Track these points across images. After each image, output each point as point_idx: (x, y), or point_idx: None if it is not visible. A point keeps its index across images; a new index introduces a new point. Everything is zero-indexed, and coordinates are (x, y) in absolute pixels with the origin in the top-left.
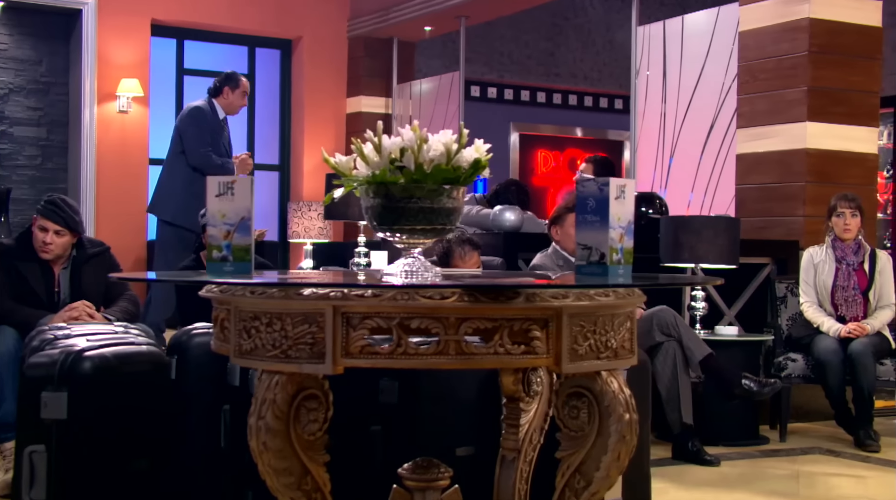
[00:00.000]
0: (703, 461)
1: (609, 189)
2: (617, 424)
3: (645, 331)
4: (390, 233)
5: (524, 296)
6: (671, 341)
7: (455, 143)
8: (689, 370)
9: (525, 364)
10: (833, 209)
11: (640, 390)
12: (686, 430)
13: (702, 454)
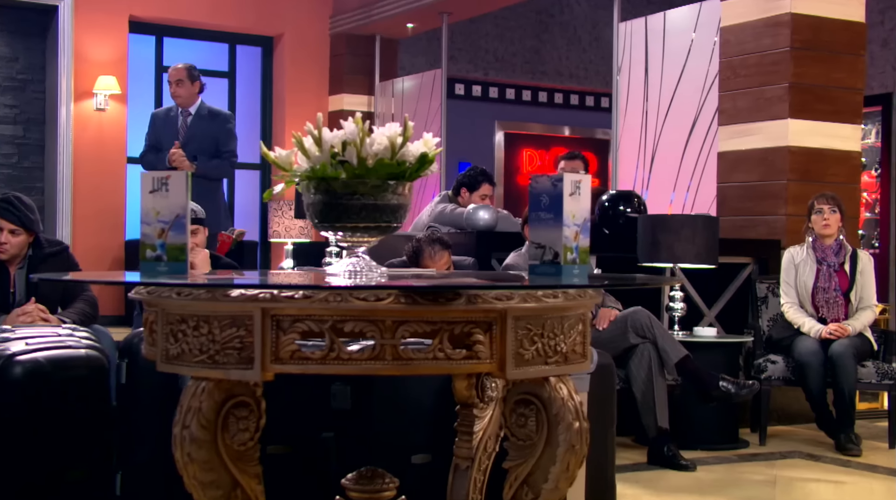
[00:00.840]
0: (678, 466)
1: (563, 185)
2: (566, 433)
3: (619, 333)
4: (332, 231)
5: (465, 298)
6: (646, 344)
7: (400, 136)
8: (665, 373)
9: (467, 370)
10: (812, 208)
11: (604, 395)
12: (662, 434)
13: (677, 458)
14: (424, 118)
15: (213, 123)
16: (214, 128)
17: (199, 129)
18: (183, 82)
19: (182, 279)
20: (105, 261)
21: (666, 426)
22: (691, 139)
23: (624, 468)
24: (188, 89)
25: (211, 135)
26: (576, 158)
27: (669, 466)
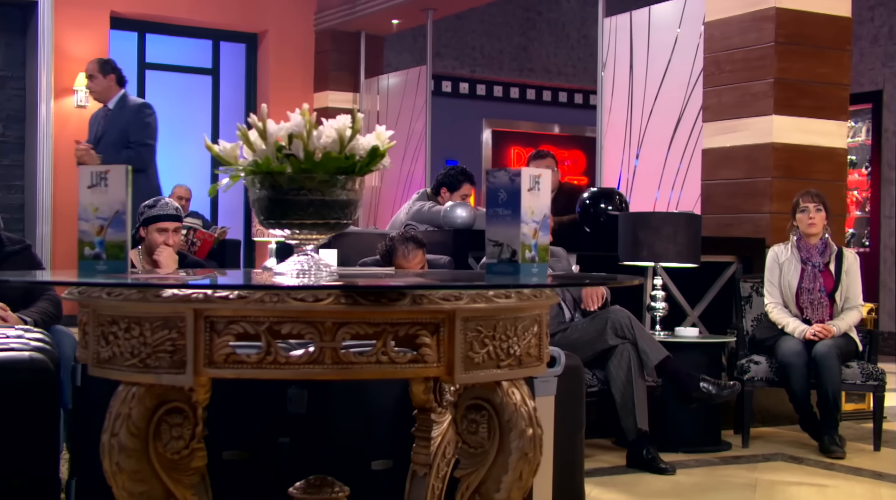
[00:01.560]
0: (657, 469)
1: (521, 180)
2: (518, 440)
3: (598, 334)
4: (279, 228)
5: (410, 298)
6: (626, 344)
7: (349, 129)
8: (645, 374)
9: (412, 375)
10: (796, 206)
11: (573, 398)
12: (641, 437)
13: (657, 461)
14: (409, 115)
15: (127, 114)
16: (127, 119)
17: (114, 122)
18: (95, 77)
19: (122, 279)
20: None
21: (645, 428)
22: (676, 136)
23: (602, 471)
24: (101, 83)
25: (123, 127)
26: (546, 157)
27: (648, 469)
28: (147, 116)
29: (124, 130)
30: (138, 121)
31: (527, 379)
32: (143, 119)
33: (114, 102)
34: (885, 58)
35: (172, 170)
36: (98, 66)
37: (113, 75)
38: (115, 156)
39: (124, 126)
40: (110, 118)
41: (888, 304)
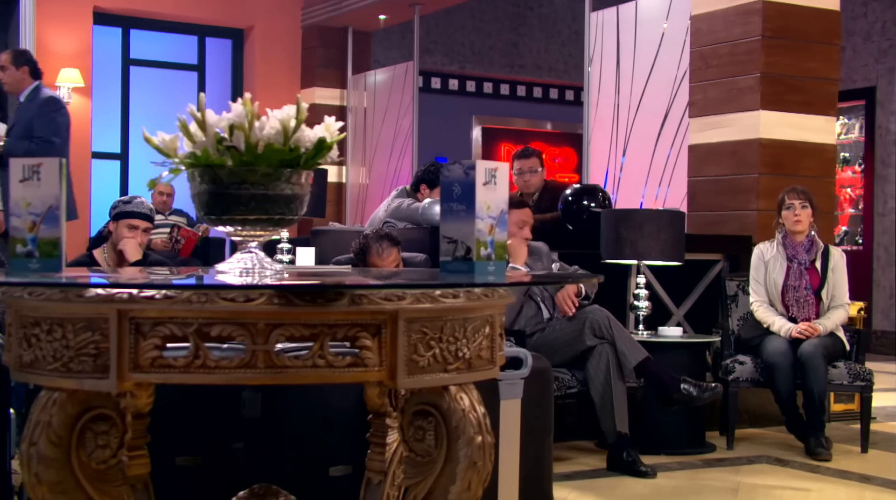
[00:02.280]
0: (637, 472)
1: (475, 173)
2: (467, 448)
3: (576, 334)
4: (221, 224)
5: (349, 298)
6: (604, 345)
7: (293, 119)
8: (625, 376)
9: (352, 379)
10: (782, 203)
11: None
12: (621, 439)
13: (637, 464)
14: (397, 112)
15: (34, 107)
16: (33, 112)
17: (22, 114)
18: (7, 68)
19: (56, 278)
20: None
21: (625, 430)
22: (663, 132)
23: (582, 474)
24: (13, 75)
25: (28, 119)
26: (531, 156)
27: (629, 472)
28: (53, 111)
29: (29, 122)
30: (43, 115)
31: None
32: (49, 114)
33: (25, 94)
34: (878, 54)
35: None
36: (11, 57)
37: (27, 67)
38: (13, 145)
39: (29, 119)
40: (20, 110)
41: (882, 302)
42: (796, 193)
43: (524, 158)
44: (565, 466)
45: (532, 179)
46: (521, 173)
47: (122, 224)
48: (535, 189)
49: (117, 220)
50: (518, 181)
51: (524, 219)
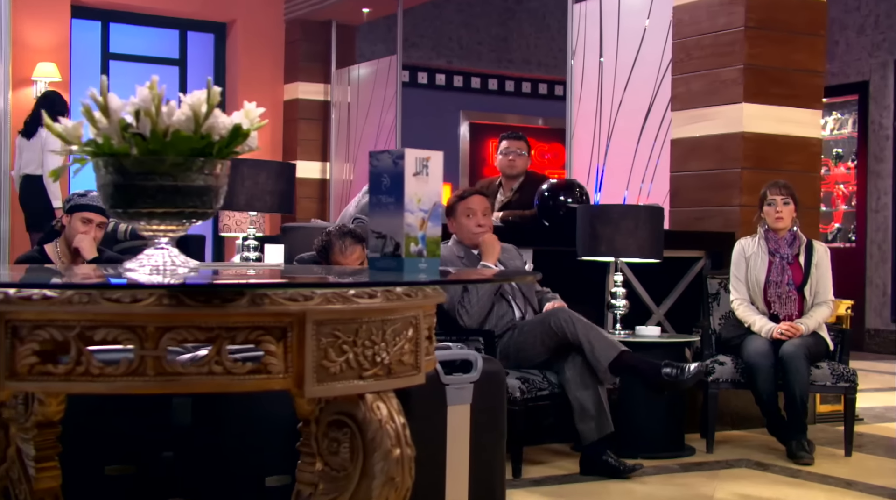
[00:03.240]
0: (616, 471)
1: (405, 163)
2: (383, 462)
3: (539, 338)
4: (127, 218)
5: (249, 298)
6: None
7: (205, 105)
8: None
9: (254, 387)
10: (763, 198)
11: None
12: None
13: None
14: (380, 107)
15: None
16: None
17: None
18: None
19: None
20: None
21: (610, 429)
22: (646, 126)
23: (553, 479)
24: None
25: None
26: (520, 138)
27: (607, 474)
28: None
29: None
30: None
31: (438, 387)
32: None
33: None
34: (871, 48)
35: None
36: None
37: None
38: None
39: None
40: None
41: (874, 300)
42: (778, 189)
43: (513, 138)
44: (536, 470)
45: (518, 160)
46: (506, 153)
47: (76, 218)
48: (519, 172)
49: (71, 213)
50: (502, 162)
51: (487, 206)
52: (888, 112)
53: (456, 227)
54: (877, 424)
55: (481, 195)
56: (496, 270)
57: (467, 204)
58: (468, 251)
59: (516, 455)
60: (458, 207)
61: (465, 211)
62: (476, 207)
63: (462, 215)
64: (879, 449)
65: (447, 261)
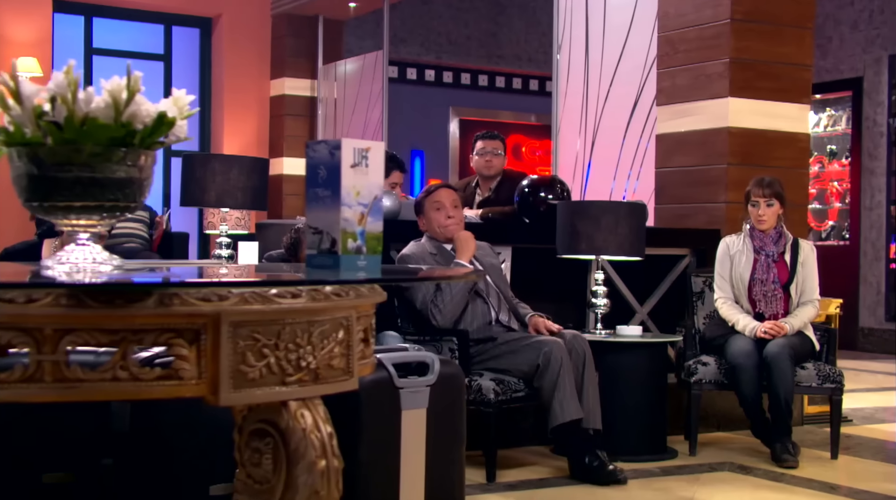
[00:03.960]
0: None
1: (341, 153)
2: (307, 474)
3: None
4: (43, 212)
5: (156, 297)
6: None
7: (125, 91)
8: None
9: (163, 394)
10: (748, 197)
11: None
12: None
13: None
14: (367, 102)
15: None
16: None
17: None
18: None
19: None
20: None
21: (596, 426)
22: (632, 122)
23: (528, 483)
24: None
25: None
26: (496, 138)
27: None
28: None
29: None
30: None
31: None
32: None
33: None
34: (865, 43)
35: None
36: None
37: None
38: None
39: None
40: None
41: (868, 298)
42: (762, 189)
43: (489, 138)
44: (512, 474)
45: (494, 160)
46: (483, 154)
47: None
48: (496, 172)
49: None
50: (479, 163)
51: (456, 198)
52: (882, 108)
53: (426, 223)
54: (866, 425)
55: (449, 188)
56: (470, 268)
57: (435, 198)
58: (441, 247)
59: (490, 459)
60: (426, 202)
61: (434, 205)
62: (444, 200)
63: (431, 210)
64: (867, 452)
65: (419, 258)
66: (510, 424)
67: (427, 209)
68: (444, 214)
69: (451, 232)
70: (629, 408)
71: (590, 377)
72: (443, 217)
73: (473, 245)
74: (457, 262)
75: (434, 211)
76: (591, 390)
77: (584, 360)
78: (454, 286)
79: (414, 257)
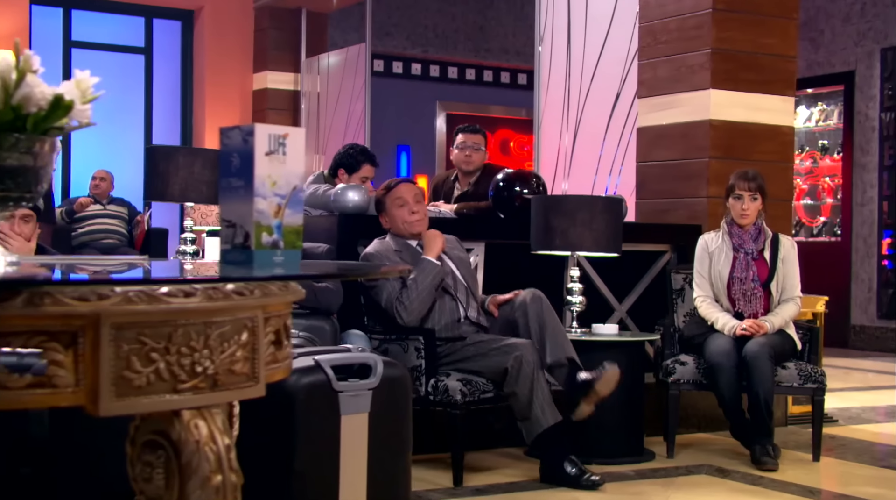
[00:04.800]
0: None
1: (255, 140)
2: (201, 490)
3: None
4: None
5: (25, 297)
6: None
7: (14, 72)
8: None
9: (36, 404)
10: (731, 190)
11: (394, 414)
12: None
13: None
14: (349, 96)
15: None
16: None
17: None
18: None
19: None
20: None
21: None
22: (614, 115)
23: (497, 488)
24: None
25: None
26: (477, 132)
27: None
28: None
29: None
30: None
31: (329, 395)
32: None
33: None
34: (857, 37)
35: (103, 155)
36: None
37: None
38: None
39: None
40: None
41: (860, 296)
42: (746, 182)
43: (470, 132)
44: (481, 478)
45: (475, 155)
46: (463, 148)
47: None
48: (476, 168)
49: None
50: (458, 157)
51: (418, 192)
52: (874, 103)
53: (389, 220)
54: (851, 426)
55: (409, 183)
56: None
57: (396, 194)
58: (406, 244)
59: (457, 462)
60: (387, 199)
61: (396, 202)
62: (405, 196)
63: (393, 207)
64: (850, 454)
65: (383, 257)
66: (482, 425)
67: (389, 206)
68: (407, 209)
69: (417, 228)
70: (604, 409)
71: (553, 319)
72: (406, 213)
73: (441, 241)
74: (424, 258)
75: (396, 208)
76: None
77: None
78: (420, 283)
79: (377, 256)
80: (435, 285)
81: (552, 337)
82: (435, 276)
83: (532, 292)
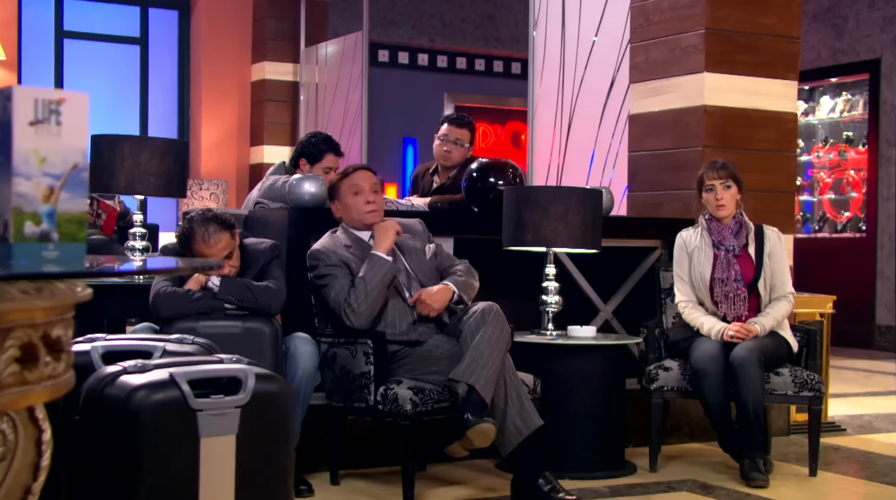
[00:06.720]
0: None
1: (13, 106)
2: None
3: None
4: None
5: None
6: None
7: None
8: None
9: None
10: (701, 183)
11: (269, 435)
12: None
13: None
14: (347, 86)
15: None
16: None
17: None
18: None
19: None
20: None
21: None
22: (609, 103)
23: None
24: None
25: None
26: (464, 125)
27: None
28: None
29: None
30: None
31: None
32: None
33: None
34: (883, 23)
35: None
36: None
37: None
38: None
39: None
40: None
41: (886, 295)
42: (715, 171)
43: (455, 124)
44: (440, 493)
45: (455, 152)
46: (444, 141)
47: None
48: (454, 164)
49: None
50: (437, 149)
51: (376, 182)
52: None
53: (342, 209)
54: (860, 436)
55: (368, 170)
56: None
57: (352, 180)
58: (357, 238)
59: (408, 480)
60: (342, 185)
61: (351, 189)
62: (363, 184)
63: (348, 194)
64: (852, 468)
65: (332, 253)
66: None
67: (343, 194)
68: (362, 198)
69: (370, 219)
70: (580, 418)
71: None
72: (362, 203)
73: (392, 235)
74: (373, 253)
75: (351, 195)
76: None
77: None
78: (369, 282)
79: (326, 253)
80: (386, 283)
81: (473, 355)
82: (385, 273)
83: (488, 306)
